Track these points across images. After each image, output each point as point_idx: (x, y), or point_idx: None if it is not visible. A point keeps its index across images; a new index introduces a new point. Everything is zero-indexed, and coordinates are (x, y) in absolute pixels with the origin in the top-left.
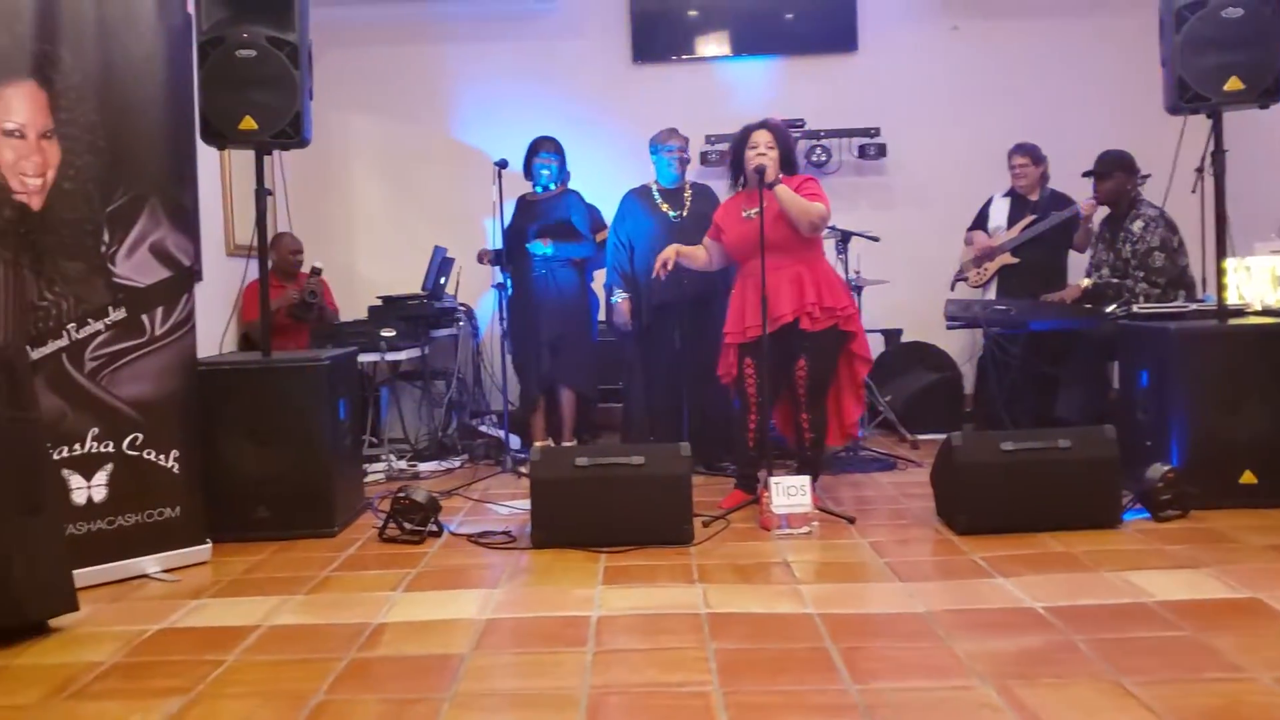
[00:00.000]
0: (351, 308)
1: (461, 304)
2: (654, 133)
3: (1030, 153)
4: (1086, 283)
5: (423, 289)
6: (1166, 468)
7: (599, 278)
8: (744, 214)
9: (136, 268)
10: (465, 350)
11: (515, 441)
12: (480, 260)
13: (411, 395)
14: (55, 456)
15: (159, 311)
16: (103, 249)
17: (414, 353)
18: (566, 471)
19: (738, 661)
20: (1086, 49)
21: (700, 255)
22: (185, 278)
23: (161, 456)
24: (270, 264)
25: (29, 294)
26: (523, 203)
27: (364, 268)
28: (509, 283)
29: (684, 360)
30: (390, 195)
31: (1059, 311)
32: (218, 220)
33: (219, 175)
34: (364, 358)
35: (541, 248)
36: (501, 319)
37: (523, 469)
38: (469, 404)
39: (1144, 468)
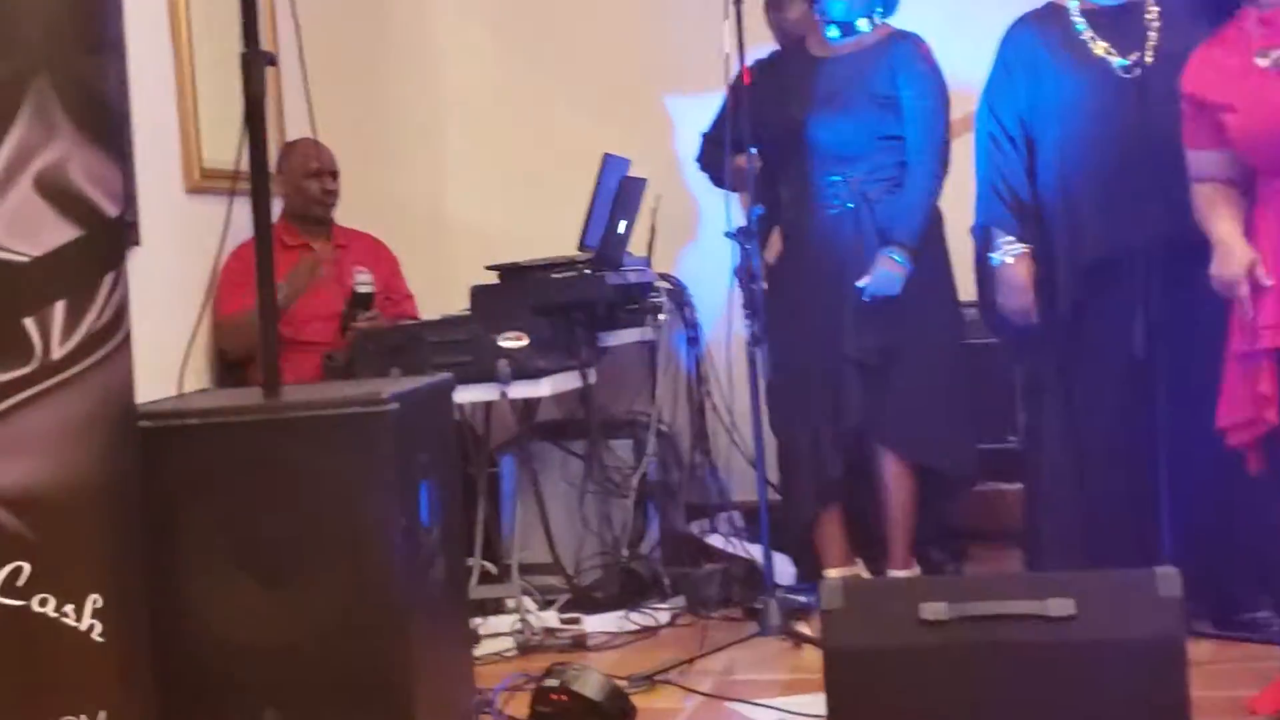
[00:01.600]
0: (436, 291)
1: (664, 278)
2: None
3: None
4: None
5: (581, 246)
6: None
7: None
8: (1259, 60)
9: (10, 223)
10: (673, 379)
11: (785, 568)
12: (734, 181)
13: (565, 472)
14: None
15: (56, 312)
16: None
17: (567, 383)
18: (903, 634)
19: None
20: None
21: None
22: (107, 240)
23: (69, 609)
24: (276, 204)
25: None
26: (786, 64)
27: (460, 211)
28: (762, 236)
29: (1156, 388)
30: (513, 65)
31: None
32: (170, 129)
33: (168, 39)
34: (466, 394)
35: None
36: (750, 313)
37: (803, 626)
38: (684, 492)
39: None
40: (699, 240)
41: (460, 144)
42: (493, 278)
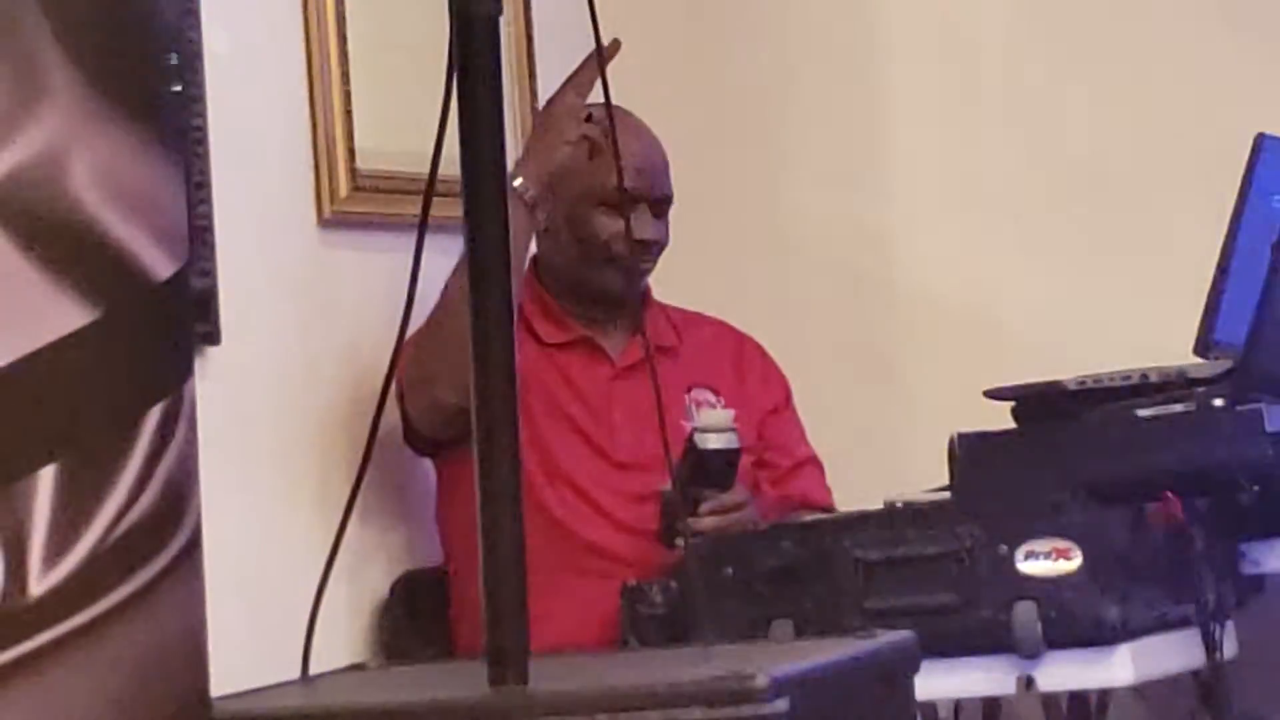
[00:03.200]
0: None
1: None
2: None
3: None
4: None
5: (1206, 345)
6: None
7: None
8: None
9: None
10: None
11: None
12: None
13: None
14: None
15: (36, 499)
16: None
17: (1172, 657)
18: None
19: None
20: None
21: None
22: (150, 330)
23: None
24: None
25: None
26: None
27: (918, 275)
28: None
29: None
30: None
31: None
32: (283, 107)
33: None
34: (943, 679)
35: None
36: None
37: None
38: None
39: None
40: None
41: (913, 154)
42: (995, 413)
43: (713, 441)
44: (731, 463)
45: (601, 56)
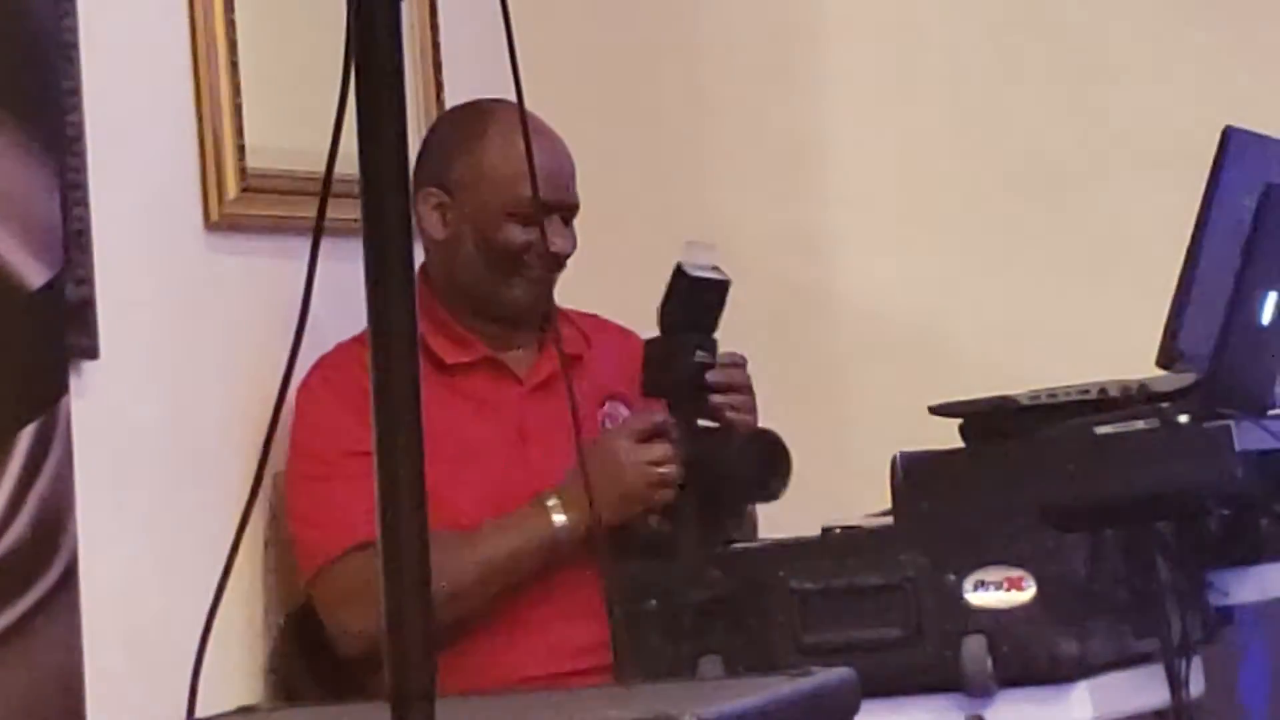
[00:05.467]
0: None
1: None
2: None
3: None
4: None
5: (1169, 358)
6: None
7: None
8: None
9: None
10: None
11: None
12: None
13: None
14: None
15: None
16: None
17: (1133, 696)
18: None
19: None
20: None
21: None
22: (25, 344)
23: None
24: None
25: None
26: None
27: (848, 280)
28: None
29: None
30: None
31: None
32: (167, 102)
33: None
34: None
35: None
36: None
37: None
38: None
39: None
40: None
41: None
42: (941, 431)
43: (707, 271)
44: (723, 299)
45: (515, 62)
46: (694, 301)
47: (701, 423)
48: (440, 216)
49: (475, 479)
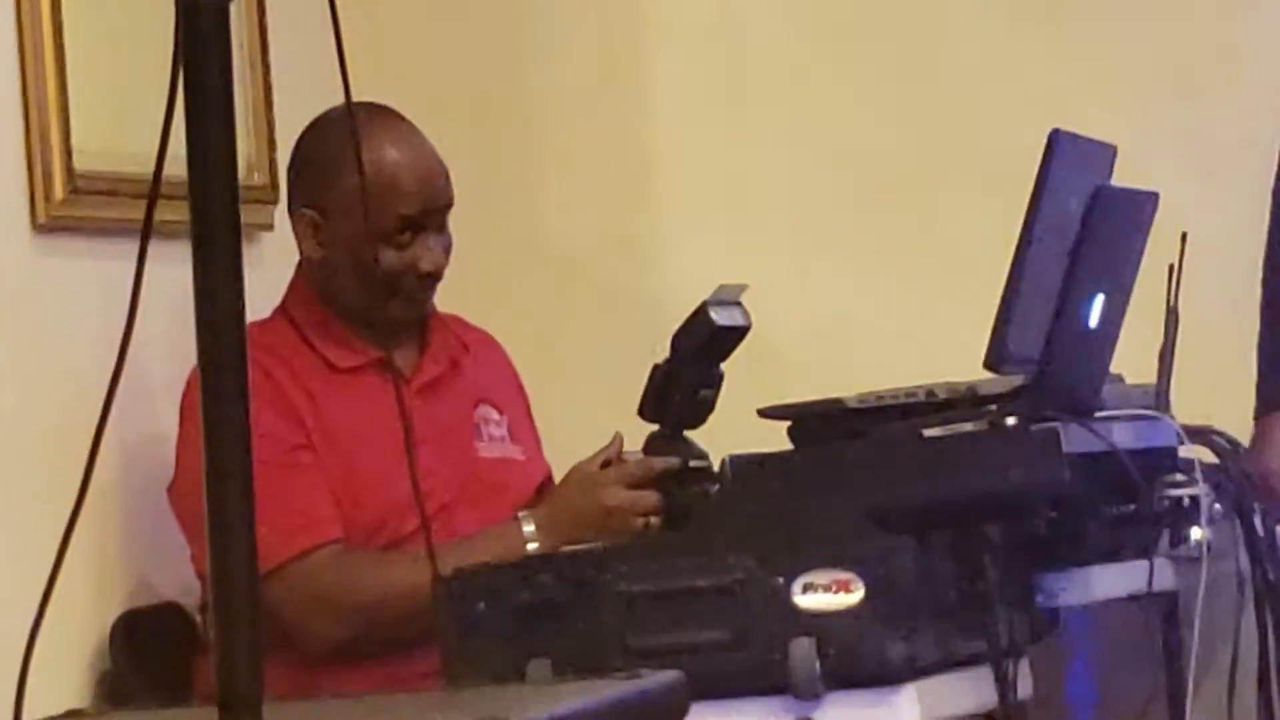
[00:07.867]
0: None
1: (1198, 437)
2: None
3: None
4: None
5: (996, 360)
6: None
7: None
8: None
9: None
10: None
11: None
12: None
13: None
14: None
15: None
16: None
17: (961, 699)
18: None
19: None
20: None
21: None
22: None
23: None
24: (279, 255)
25: None
26: None
27: (682, 278)
28: None
29: None
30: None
31: None
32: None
33: None
34: None
35: None
36: None
37: None
38: None
39: None
40: None
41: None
42: (770, 433)
43: (729, 316)
44: (740, 340)
45: (345, 67)
46: (711, 344)
47: (693, 463)
48: (315, 238)
49: (378, 478)
